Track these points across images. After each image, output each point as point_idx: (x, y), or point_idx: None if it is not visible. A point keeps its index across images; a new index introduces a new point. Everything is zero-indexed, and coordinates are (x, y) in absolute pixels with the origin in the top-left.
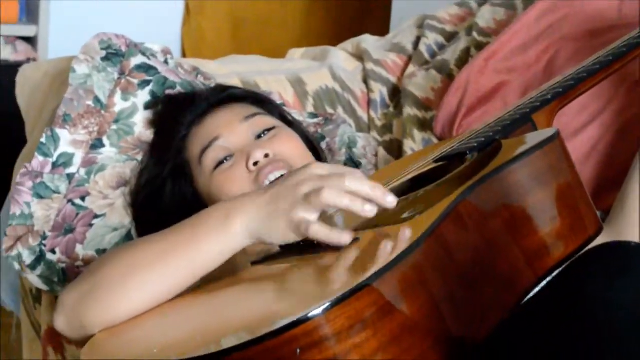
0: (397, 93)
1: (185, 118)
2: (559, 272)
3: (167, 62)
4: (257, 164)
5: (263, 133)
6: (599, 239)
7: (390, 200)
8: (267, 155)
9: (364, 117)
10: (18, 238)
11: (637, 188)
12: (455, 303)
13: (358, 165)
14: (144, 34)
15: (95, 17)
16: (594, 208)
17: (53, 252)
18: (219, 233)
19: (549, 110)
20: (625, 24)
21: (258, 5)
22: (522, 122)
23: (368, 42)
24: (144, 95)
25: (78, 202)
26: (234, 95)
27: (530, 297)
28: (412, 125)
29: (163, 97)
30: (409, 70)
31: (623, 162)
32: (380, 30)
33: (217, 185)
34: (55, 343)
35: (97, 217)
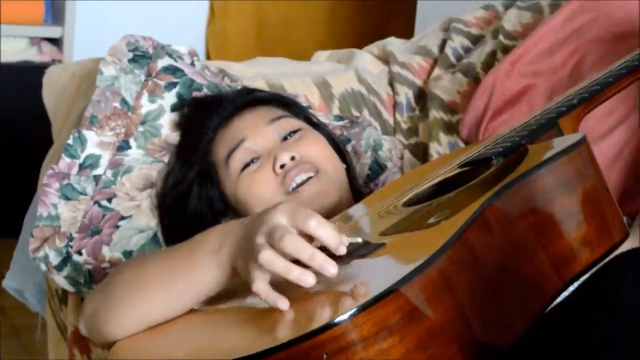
0: (422, 96)
1: (212, 121)
2: (587, 277)
3: (193, 64)
4: (283, 167)
5: (289, 135)
6: (626, 245)
7: (330, 271)
8: (293, 158)
9: (390, 120)
10: (45, 239)
11: None
12: (481, 308)
13: (383, 168)
14: (169, 36)
15: (120, 18)
16: (621, 213)
17: (79, 253)
18: (212, 261)
19: (575, 115)
20: None
21: (282, 7)
22: (548, 126)
23: (394, 44)
24: (171, 97)
25: (104, 203)
26: (260, 98)
27: (557, 303)
28: (438, 129)
29: (189, 99)
30: (435, 73)
31: None
32: (405, 32)
33: (243, 188)
34: (82, 345)
35: (123, 218)
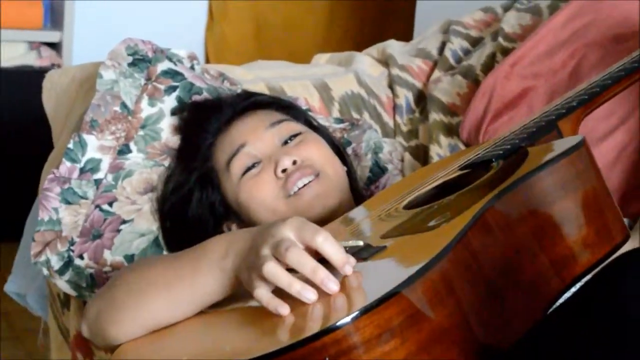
0: (422, 98)
1: (211, 126)
2: (589, 279)
3: (193, 67)
4: (285, 171)
5: (289, 139)
6: (627, 246)
7: (331, 288)
8: (294, 162)
9: (390, 122)
10: (46, 243)
11: None
12: (483, 311)
13: (384, 171)
14: (168, 40)
15: (119, 23)
16: (621, 215)
17: (81, 257)
18: (216, 269)
19: (575, 117)
20: None
21: (281, 10)
22: (547, 129)
23: (393, 47)
24: (171, 101)
25: (106, 207)
26: (259, 102)
27: (558, 304)
28: (438, 131)
29: (189, 103)
30: (435, 76)
31: None
32: (404, 34)
33: (245, 192)
34: (84, 348)
35: (124, 222)
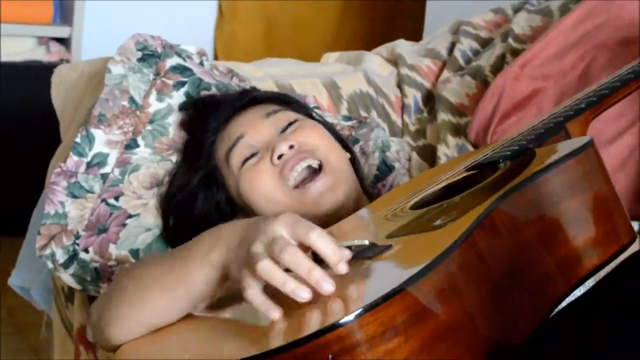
0: (431, 98)
1: (211, 124)
2: (598, 279)
3: (202, 63)
4: (281, 157)
5: (287, 127)
6: (633, 248)
7: (326, 289)
8: (292, 147)
9: (398, 121)
10: (52, 237)
11: None
12: (488, 310)
13: (391, 169)
14: (177, 37)
15: (128, 19)
16: (628, 217)
17: (86, 251)
18: (204, 263)
19: (583, 119)
20: None
21: (290, 8)
22: (555, 130)
23: (402, 47)
24: (179, 96)
25: (112, 202)
26: (257, 98)
27: (566, 304)
28: (446, 131)
29: (193, 100)
30: (444, 76)
31: None
32: (413, 34)
33: (245, 183)
34: (87, 342)
35: (130, 217)
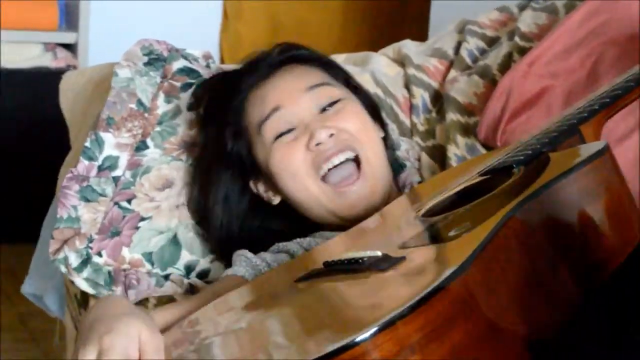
0: (439, 98)
1: (245, 82)
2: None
3: (209, 66)
4: (318, 144)
5: (329, 106)
6: None
7: None
8: (331, 135)
9: (406, 122)
10: (65, 241)
11: None
12: (507, 325)
13: (402, 167)
14: (182, 40)
15: (134, 24)
16: None
17: (99, 255)
18: None
19: (597, 121)
20: None
21: (296, 9)
22: (569, 133)
23: (409, 47)
24: (187, 98)
25: (124, 204)
26: (298, 57)
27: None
28: (455, 131)
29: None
30: (451, 75)
31: None
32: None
33: (276, 159)
34: None
35: (143, 219)
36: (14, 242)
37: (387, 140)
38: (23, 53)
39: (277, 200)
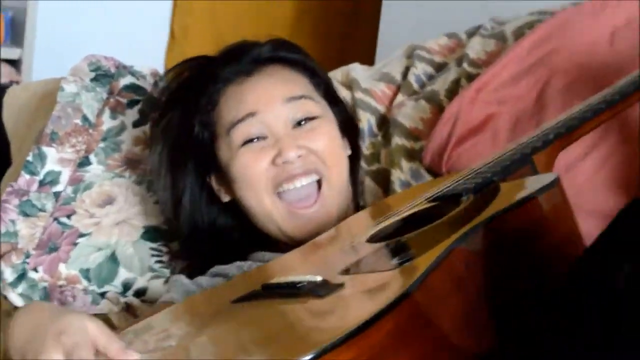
0: (385, 122)
1: (225, 72)
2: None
3: (156, 84)
4: (285, 162)
5: (304, 121)
6: None
7: None
8: (299, 156)
9: None
10: (1, 256)
11: None
12: (451, 351)
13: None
14: (128, 59)
15: (79, 42)
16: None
17: (36, 270)
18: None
19: (551, 151)
20: (618, 58)
21: (243, 29)
22: (521, 162)
23: (357, 71)
24: (133, 114)
25: (64, 220)
26: (285, 58)
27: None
28: (400, 155)
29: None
30: (398, 100)
31: None
32: (367, 58)
33: (239, 164)
34: None
35: (82, 235)
36: None
37: (356, 158)
38: None
39: (226, 199)
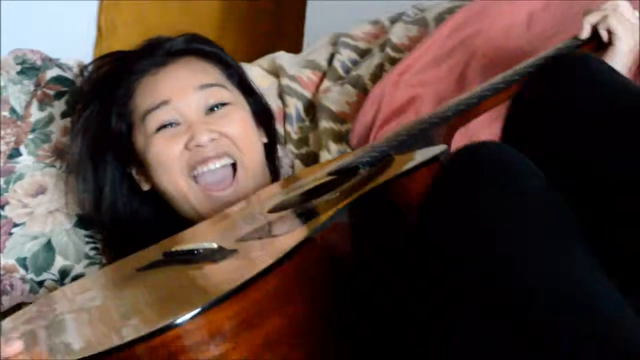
0: (312, 107)
1: (141, 64)
2: None
3: (82, 73)
4: (198, 146)
5: (216, 107)
6: None
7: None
8: (212, 140)
9: (280, 130)
10: None
11: None
12: (325, 318)
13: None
14: (55, 55)
15: (5, 38)
16: None
17: None
18: None
19: (449, 127)
20: (532, 40)
21: (171, 24)
22: (420, 138)
23: (283, 58)
24: (61, 105)
25: None
26: (198, 50)
27: None
28: (327, 138)
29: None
30: (324, 85)
31: None
32: (294, 47)
33: (153, 151)
34: None
35: (16, 225)
36: None
37: (273, 145)
38: None
39: (146, 187)
